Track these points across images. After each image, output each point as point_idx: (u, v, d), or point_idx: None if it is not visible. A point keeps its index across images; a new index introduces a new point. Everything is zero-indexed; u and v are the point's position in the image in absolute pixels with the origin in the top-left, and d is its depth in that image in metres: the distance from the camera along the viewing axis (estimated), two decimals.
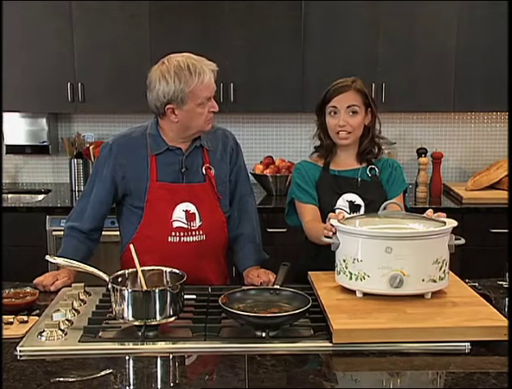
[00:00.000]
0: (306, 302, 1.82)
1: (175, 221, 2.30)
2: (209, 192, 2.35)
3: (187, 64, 2.20)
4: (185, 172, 2.32)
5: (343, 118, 2.33)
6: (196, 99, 2.21)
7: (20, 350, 1.71)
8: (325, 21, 3.87)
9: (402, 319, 1.77)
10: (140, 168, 2.31)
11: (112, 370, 1.63)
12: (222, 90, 3.87)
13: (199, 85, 2.19)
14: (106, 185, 2.34)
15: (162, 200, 2.30)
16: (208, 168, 2.35)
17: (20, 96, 3.90)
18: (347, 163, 2.44)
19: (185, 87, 2.19)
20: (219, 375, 1.60)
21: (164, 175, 2.31)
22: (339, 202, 2.37)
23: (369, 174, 2.42)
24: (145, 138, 2.33)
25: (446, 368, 1.65)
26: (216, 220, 2.37)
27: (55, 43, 3.86)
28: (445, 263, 1.91)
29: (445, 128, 4.33)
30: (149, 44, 3.87)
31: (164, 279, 1.95)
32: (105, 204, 2.38)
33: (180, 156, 2.33)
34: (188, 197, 2.31)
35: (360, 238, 1.91)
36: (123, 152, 2.33)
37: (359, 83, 2.37)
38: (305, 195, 2.41)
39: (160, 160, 2.31)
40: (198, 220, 2.32)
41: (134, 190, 2.33)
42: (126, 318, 1.78)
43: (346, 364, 1.70)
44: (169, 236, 2.30)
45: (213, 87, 2.25)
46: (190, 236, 2.31)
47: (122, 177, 2.32)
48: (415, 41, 3.88)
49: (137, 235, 2.34)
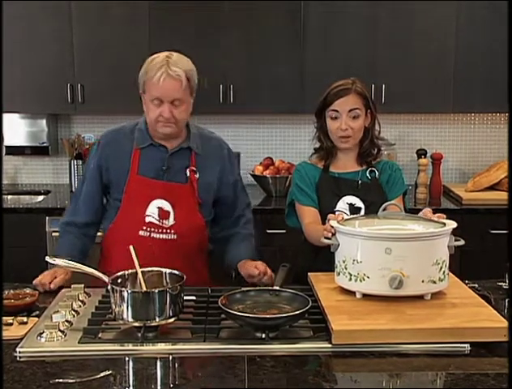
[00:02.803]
0: (306, 303, 1.82)
1: (147, 216, 2.32)
2: (189, 194, 2.35)
3: (157, 57, 2.25)
4: (166, 170, 2.33)
5: (345, 122, 2.32)
6: (148, 93, 2.25)
7: (20, 351, 1.71)
8: (324, 22, 3.87)
9: (401, 320, 1.77)
10: (123, 161, 2.33)
11: (111, 371, 1.63)
12: (221, 91, 3.88)
13: (149, 79, 2.22)
14: (95, 177, 2.38)
15: (139, 194, 2.32)
16: (192, 171, 2.35)
17: (20, 97, 3.90)
18: (347, 165, 2.43)
19: (143, 75, 2.26)
20: (219, 376, 1.59)
21: (145, 170, 2.33)
22: (339, 204, 2.37)
23: (369, 176, 2.42)
24: (134, 132, 2.37)
25: (446, 369, 1.65)
26: (192, 223, 2.36)
27: (55, 44, 3.86)
28: (445, 264, 1.91)
29: (445, 129, 4.34)
30: (148, 46, 3.86)
31: (164, 281, 1.95)
32: (97, 197, 2.41)
33: (164, 153, 2.34)
34: (164, 195, 2.32)
35: (359, 239, 1.91)
36: (110, 145, 2.38)
37: (359, 85, 2.36)
38: (305, 197, 2.41)
39: (144, 154, 2.34)
40: (171, 218, 2.32)
41: (115, 182, 2.36)
42: (126, 319, 1.78)
43: (345, 365, 1.70)
44: (140, 230, 2.32)
45: (165, 91, 2.20)
46: (161, 233, 2.32)
47: (106, 168, 2.36)
48: (414, 42, 3.88)
49: (112, 226, 2.37)
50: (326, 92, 2.37)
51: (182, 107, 2.25)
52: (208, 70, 3.86)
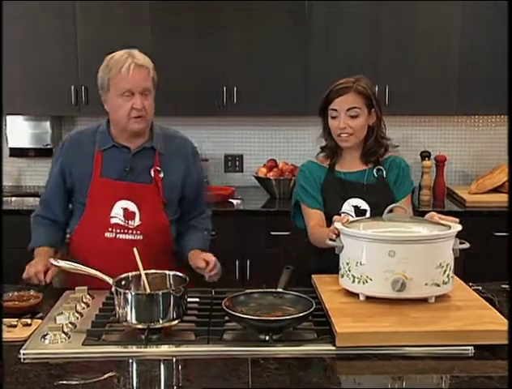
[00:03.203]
0: (309, 306, 1.82)
1: (113, 218, 2.32)
2: (153, 194, 2.35)
3: (117, 55, 2.27)
4: (129, 171, 2.33)
5: (343, 120, 2.32)
6: (115, 88, 2.24)
7: (24, 353, 1.71)
8: (327, 23, 3.86)
9: (405, 323, 1.77)
10: (86, 164, 2.34)
11: (115, 373, 1.64)
12: (225, 93, 3.88)
13: (116, 73, 2.23)
14: (58, 182, 2.40)
15: (103, 195, 2.32)
16: (156, 171, 2.35)
17: (24, 99, 3.91)
18: (353, 164, 2.43)
19: (106, 73, 2.26)
20: (223, 378, 1.59)
21: (108, 171, 2.33)
22: (344, 206, 2.36)
23: (376, 175, 2.41)
24: (96, 134, 2.37)
25: (450, 372, 1.65)
26: (158, 223, 2.37)
27: (58, 46, 3.87)
28: (450, 268, 1.90)
29: (449, 131, 4.33)
30: (150, 46, 3.86)
31: (168, 283, 1.95)
32: (60, 200, 2.42)
33: (127, 154, 2.34)
34: (128, 195, 2.32)
35: (362, 241, 1.90)
36: (73, 148, 2.39)
37: (361, 84, 2.34)
38: (311, 199, 2.41)
39: (106, 156, 2.34)
40: (137, 219, 2.33)
41: (78, 186, 2.36)
42: (130, 321, 1.78)
43: (349, 367, 1.70)
44: (106, 231, 2.32)
45: (134, 82, 2.23)
46: (126, 234, 2.32)
47: (69, 172, 2.37)
48: (417, 43, 3.87)
49: (78, 228, 2.37)
50: (328, 91, 2.37)
51: (150, 98, 2.29)
52: (211, 72, 3.88)
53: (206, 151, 4.31)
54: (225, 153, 4.35)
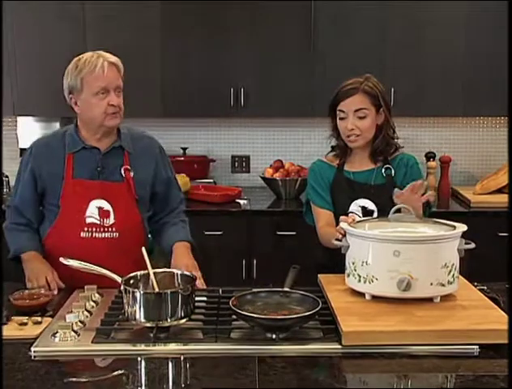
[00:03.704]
0: (316, 305, 1.82)
1: (88, 217, 2.33)
2: (125, 192, 2.37)
3: (86, 57, 2.28)
4: (100, 170, 2.35)
5: (351, 122, 2.32)
6: (90, 88, 2.26)
7: (34, 350, 1.71)
8: (334, 25, 3.86)
9: (411, 322, 1.76)
10: (57, 167, 2.34)
11: (124, 371, 1.64)
12: (232, 94, 3.88)
13: (89, 74, 2.24)
14: (29, 186, 2.38)
15: (76, 196, 2.33)
16: (127, 170, 2.37)
17: (34, 100, 3.92)
18: (362, 163, 2.43)
19: (78, 74, 2.26)
20: (230, 377, 1.59)
21: (80, 173, 2.34)
22: (351, 207, 2.37)
23: (384, 175, 2.40)
24: (64, 137, 2.38)
25: (455, 371, 1.64)
26: (131, 220, 2.39)
27: (68, 50, 3.82)
28: (455, 268, 1.89)
29: (454, 132, 4.31)
30: (160, 49, 3.88)
31: (176, 282, 1.94)
32: (33, 204, 2.40)
33: (97, 155, 2.35)
34: (101, 194, 2.34)
35: (368, 241, 1.90)
36: (42, 153, 2.38)
37: (369, 84, 2.34)
38: (320, 199, 2.41)
39: (77, 158, 2.35)
40: (112, 217, 2.34)
41: (50, 189, 2.36)
42: (138, 319, 1.78)
43: (355, 366, 1.69)
44: (82, 231, 2.33)
45: (108, 80, 2.26)
46: (103, 232, 2.34)
47: (39, 175, 2.36)
48: (423, 46, 3.87)
49: (52, 230, 2.37)
50: (336, 91, 2.37)
51: (121, 95, 2.31)
52: (219, 74, 3.89)
53: (213, 152, 4.33)
54: (232, 154, 4.36)
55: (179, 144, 4.20)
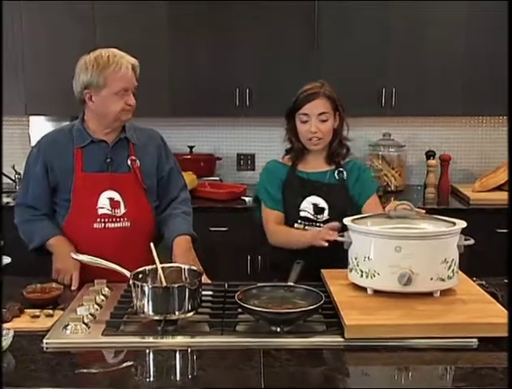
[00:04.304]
0: (319, 299, 1.82)
1: (100, 208, 2.34)
2: (134, 182, 2.38)
3: (107, 54, 2.29)
4: (109, 162, 2.36)
5: (314, 125, 2.35)
6: (112, 87, 2.27)
7: (46, 342, 1.72)
8: (337, 25, 3.84)
9: (412, 316, 1.77)
10: (66, 162, 2.34)
11: (133, 363, 1.64)
12: (238, 95, 3.88)
13: (114, 74, 2.25)
14: (40, 182, 2.37)
15: (87, 189, 2.34)
16: (133, 160, 2.38)
17: (45, 100, 3.93)
18: (316, 164, 2.45)
19: (101, 72, 2.26)
20: (236, 368, 1.59)
21: (89, 166, 2.35)
22: (303, 204, 2.40)
23: (337, 177, 2.42)
24: (72, 132, 2.38)
25: (455, 363, 1.65)
26: (141, 209, 2.40)
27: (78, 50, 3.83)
28: (454, 263, 1.89)
29: (454, 131, 4.30)
30: (167, 49, 3.88)
31: (183, 276, 1.95)
32: (46, 199, 2.39)
33: (105, 147, 2.37)
34: (111, 185, 2.35)
35: (370, 237, 1.90)
36: (51, 148, 2.38)
37: (327, 88, 2.38)
38: (271, 201, 2.45)
39: (86, 152, 2.35)
40: (122, 207, 2.35)
41: (61, 184, 2.36)
42: (147, 312, 1.79)
43: (357, 358, 1.70)
44: (94, 222, 2.34)
45: (130, 81, 2.29)
46: (115, 222, 2.35)
47: (51, 168, 2.36)
48: (424, 46, 3.85)
49: (65, 224, 2.37)
50: (296, 96, 2.40)
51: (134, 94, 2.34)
52: (225, 74, 3.88)
53: (219, 150, 4.33)
54: (238, 152, 4.35)
55: (186, 143, 4.20)
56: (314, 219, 2.39)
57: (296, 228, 2.40)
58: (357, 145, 4.24)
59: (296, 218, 2.40)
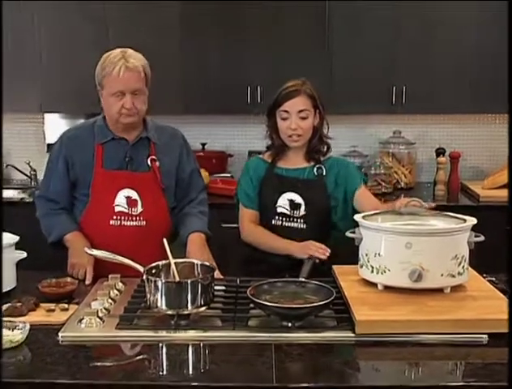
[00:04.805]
0: (330, 294, 1.82)
1: (117, 206, 2.34)
2: (152, 181, 2.37)
3: (111, 54, 2.26)
4: (129, 161, 2.35)
5: (294, 122, 2.34)
6: (108, 88, 2.25)
7: (62, 336, 1.73)
8: (348, 25, 3.84)
9: (422, 312, 1.76)
10: (87, 158, 2.35)
11: (146, 356, 1.65)
12: (249, 92, 3.87)
13: (109, 74, 2.23)
14: (61, 176, 2.38)
15: (105, 186, 2.34)
16: (153, 160, 2.37)
17: (60, 98, 3.94)
18: (296, 161, 2.45)
19: (101, 72, 2.26)
20: (248, 363, 1.60)
21: (109, 163, 2.35)
22: (279, 200, 2.40)
23: (316, 173, 2.42)
24: (94, 128, 2.38)
25: (465, 358, 1.64)
26: (158, 208, 2.39)
27: (92, 49, 3.86)
28: (465, 259, 1.89)
29: (463, 129, 4.27)
30: (179, 48, 3.89)
31: (196, 271, 1.95)
32: (66, 193, 2.41)
33: (125, 145, 2.36)
34: (129, 184, 2.34)
35: (381, 234, 1.90)
36: (72, 144, 2.38)
37: (308, 86, 2.38)
38: (247, 199, 2.47)
39: (107, 148, 2.35)
40: (139, 206, 2.35)
41: (81, 179, 2.37)
42: (160, 307, 1.79)
43: (368, 353, 1.69)
44: (111, 219, 2.34)
45: (126, 83, 2.22)
46: (131, 220, 2.35)
47: (72, 164, 2.37)
48: (434, 45, 3.83)
49: (83, 219, 2.38)
50: (277, 93, 2.39)
51: (141, 97, 2.28)
52: (237, 72, 3.88)
53: (231, 147, 4.33)
54: (249, 149, 4.34)
55: (198, 140, 4.20)
56: (291, 214, 2.38)
57: (273, 224, 2.40)
58: (367, 142, 4.27)
59: (273, 214, 2.40)
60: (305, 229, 2.37)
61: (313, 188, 2.40)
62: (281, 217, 2.39)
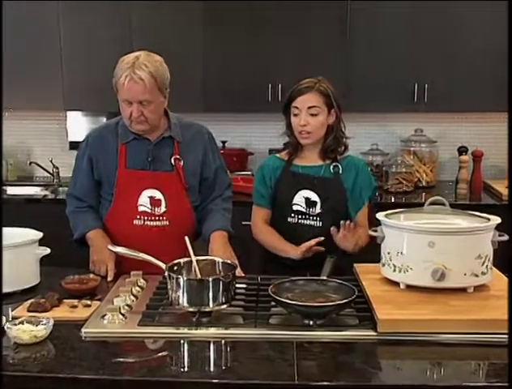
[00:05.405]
0: (352, 293, 1.81)
1: (140, 206, 2.34)
2: (176, 181, 2.37)
3: (125, 58, 2.24)
4: (151, 161, 2.35)
5: (304, 118, 2.32)
6: (119, 94, 2.24)
7: (85, 332, 1.75)
8: (369, 23, 3.83)
9: (444, 311, 1.75)
10: (111, 157, 2.35)
11: (168, 353, 1.67)
12: (270, 90, 3.87)
13: (117, 82, 2.22)
14: (86, 176, 2.40)
15: (129, 186, 2.34)
16: (177, 159, 2.36)
17: (83, 96, 3.98)
18: (311, 159, 2.43)
19: (114, 77, 2.25)
20: (269, 360, 1.60)
21: (132, 163, 2.35)
22: (295, 198, 2.38)
23: (332, 171, 2.40)
24: (117, 128, 2.38)
25: (488, 359, 1.63)
26: (182, 208, 2.39)
27: (115, 47, 3.90)
28: (488, 259, 1.87)
29: (486, 127, 4.23)
30: (202, 48, 3.90)
31: (217, 269, 1.96)
32: (92, 190, 2.42)
33: (148, 145, 2.35)
34: (153, 184, 2.34)
35: (403, 232, 1.89)
36: (97, 143, 2.39)
37: (323, 84, 2.35)
38: (258, 197, 2.48)
39: (130, 148, 2.35)
40: (163, 206, 2.35)
41: (105, 178, 2.38)
42: (182, 304, 1.80)
43: (390, 352, 1.69)
44: (135, 219, 2.34)
45: (131, 94, 2.20)
46: (154, 220, 2.35)
47: (96, 163, 2.38)
48: (456, 42, 3.80)
49: (107, 218, 2.39)
50: (291, 90, 2.38)
51: (151, 106, 2.24)
52: (258, 71, 3.89)
53: (251, 145, 4.33)
54: (269, 148, 4.34)
55: (219, 138, 4.17)
56: (307, 212, 2.38)
57: (289, 222, 2.40)
58: (389, 141, 4.24)
59: (289, 212, 2.39)
60: (320, 227, 2.36)
61: (329, 186, 2.38)
62: (297, 215, 2.39)
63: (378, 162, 4.10)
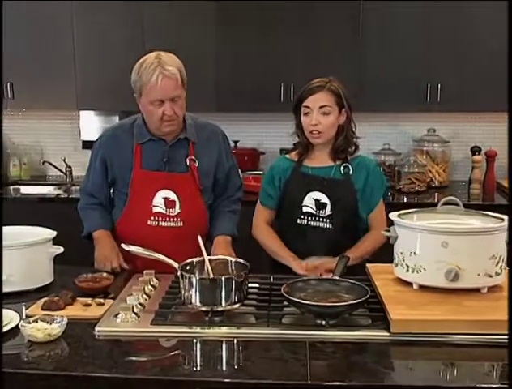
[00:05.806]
0: (364, 293, 1.81)
1: (154, 207, 2.35)
2: (191, 182, 2.37)
3: (147, 60, 2.23)
4: (166, 162, 2.35)
5: (315, 117, 2.31)
6: (146, 96, 2.23)
7: (98, 330, 1.75)
8: (382, 23, 3.83)
9: (458, 312, 1.74)
10: (126, 157, 2.36)
11: (180, 352, 1.67)
12: (282, 90, 3.87)
13: (146, 84, 2.20)
14: (100, 174, 2.41)
15: (144, 186, 2.34)
16: (192, 160, 2.36)
17: (96, 96, 4.00)
18: (321, 159, 2.41)
19: (137, 81, 2.23)
20: (282, 360, 1.60)
21: (147, 163, 2.35)
22: (305, 199, 2.37)
23: (342, 172, 2.38)
24: (133, 128, 2.38)
25: (502, 360, 1.61)
26: (196, 210, 2.40)
27: (127, 49, 3.92)
28: (502, 259, 1.85)
29: (499, 127, 4.20)
30: (214, 49, 3.91)
31: (230, 268, 1.96)
32: (104, 188, 2.45)
33: (163, 146, 2.35)
34: (168, 185, 2.34)
35: (416, 232, 1.87)
36: (111, 143, 2.39)
37: (334, 84, 2.34)
38: (265, 198, 2.47)
39: (145, 149, 2.35)
40: (177, 207, 2.35)
41: (120, 178, 2.39)
42: (194, 303, 1.80)
43: (403, 353, 1.68)
44: (149, 220, 2.35)
45: (164, 92, 2.20)
46: (168, 221, 2.36)
47: (110, 164, 2.38)
48: (469, 42, 3.79)
49: (121, 219, 2.40)
50: (301, 90, 2.37)
51: (180, 102, 2.26)
52: (270, 71, 3.89)
53: (263, 145, 4.34)
54: (281, 147, 4.34)
55: (231, 137, 4.13)
56: (317, 214, 2.36)
57: (298, 223, 2.38)
58: (401, 140, 4.23)
59: (298, 213, 2.38)
60: (330, 229, 2.35)
61: (339, 187, 2.37)
62: (307, 216, 2.38)
63: (391, 162, 4.09)
